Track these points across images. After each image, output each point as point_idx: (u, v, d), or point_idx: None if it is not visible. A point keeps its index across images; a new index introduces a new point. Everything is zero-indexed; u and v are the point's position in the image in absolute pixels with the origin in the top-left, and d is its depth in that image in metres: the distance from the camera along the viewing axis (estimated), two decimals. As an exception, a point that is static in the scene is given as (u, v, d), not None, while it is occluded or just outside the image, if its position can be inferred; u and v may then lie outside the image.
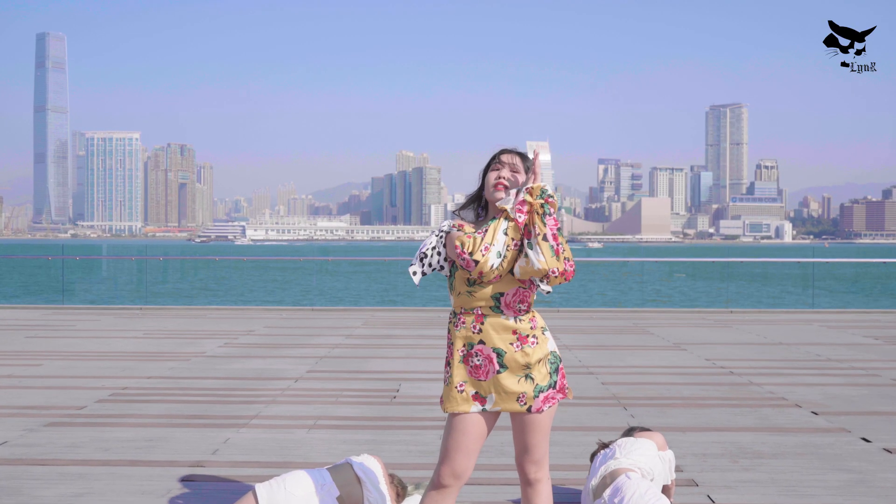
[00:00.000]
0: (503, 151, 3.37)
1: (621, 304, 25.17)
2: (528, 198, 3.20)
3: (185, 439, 5.79)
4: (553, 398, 3.33)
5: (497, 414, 3.33)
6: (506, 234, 3.17)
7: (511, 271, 3.21)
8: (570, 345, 10.73)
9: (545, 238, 3.15)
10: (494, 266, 3.14)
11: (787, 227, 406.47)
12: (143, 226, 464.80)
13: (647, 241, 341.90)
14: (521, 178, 3.29)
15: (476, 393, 3.27)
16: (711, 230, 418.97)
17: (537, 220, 3.17)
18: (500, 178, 3.28)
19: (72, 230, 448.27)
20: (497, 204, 3.26)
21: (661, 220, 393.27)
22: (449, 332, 3.35)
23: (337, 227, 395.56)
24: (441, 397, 3.34)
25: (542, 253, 3.13)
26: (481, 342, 3.24)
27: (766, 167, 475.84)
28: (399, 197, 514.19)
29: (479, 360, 3.25)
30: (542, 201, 3.19)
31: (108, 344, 10.91)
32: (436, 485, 3.31)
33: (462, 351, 3.28)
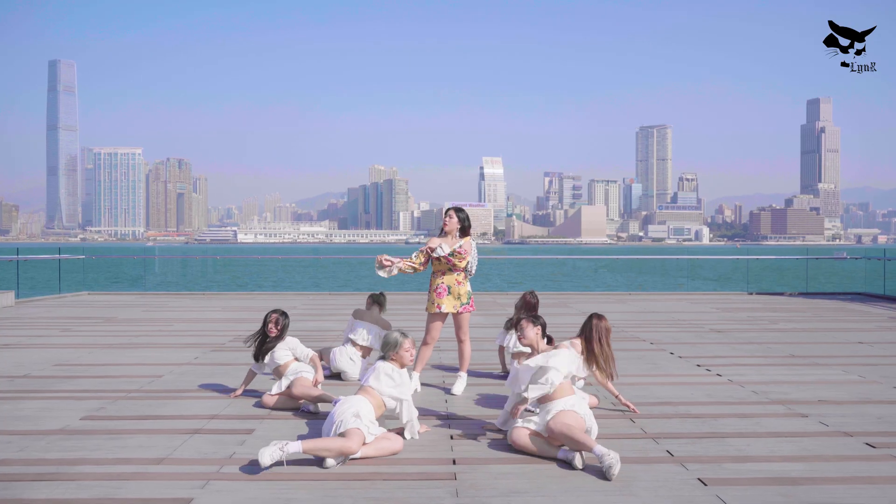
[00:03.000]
0: (448, 210, 7.07)
1: (554, 289, 29.07)
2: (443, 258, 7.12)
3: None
4: (467, 309, 7.08)
5: (446, 314, 7.03)
6: (420, 255, 7.04)
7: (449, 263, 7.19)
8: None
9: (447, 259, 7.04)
10: (419, 264, 6.99)
11: (705, 230, 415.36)
12: (145, 230, 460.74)
13: (586, 243, 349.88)
14: (453, 221, 6.97)
15: (438, 304, 7.02)
16: (641, 234, 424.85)
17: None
18: (444, 223, 7.05)
19: (81, 234, 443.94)
20: (434, 251, 6.97)
21: (598, 224, 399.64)
22: (431, 279, 7.09)
23: (317, 232, 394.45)
24: (426, 306, 7.15)
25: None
26: (442, 282, 7.03)
27: (688, 179, 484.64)
28: (372, 205, 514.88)
29: (440, 289, 7.04)
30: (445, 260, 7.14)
31: (209, 313, 14.29)
32: (424, 343, 7.12)
33: (435, 285, 7.04)
